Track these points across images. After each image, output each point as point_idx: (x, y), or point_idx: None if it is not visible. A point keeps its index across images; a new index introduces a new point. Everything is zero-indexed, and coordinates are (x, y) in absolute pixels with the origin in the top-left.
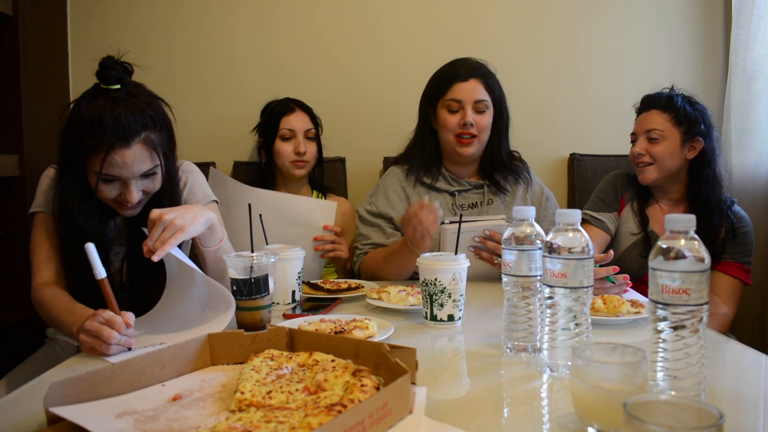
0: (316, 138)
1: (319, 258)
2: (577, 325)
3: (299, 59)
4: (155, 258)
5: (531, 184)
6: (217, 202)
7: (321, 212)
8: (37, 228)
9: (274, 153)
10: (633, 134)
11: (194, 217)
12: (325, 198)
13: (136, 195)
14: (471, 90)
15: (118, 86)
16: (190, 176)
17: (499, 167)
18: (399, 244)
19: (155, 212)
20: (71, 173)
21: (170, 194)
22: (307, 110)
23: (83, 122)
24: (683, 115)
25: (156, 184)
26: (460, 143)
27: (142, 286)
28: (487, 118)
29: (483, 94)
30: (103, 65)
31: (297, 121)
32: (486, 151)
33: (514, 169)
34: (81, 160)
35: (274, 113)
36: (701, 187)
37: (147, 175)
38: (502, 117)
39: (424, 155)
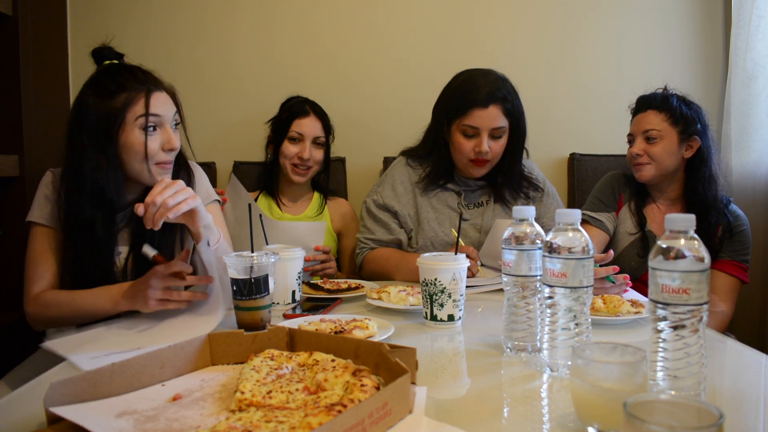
0: (326, 145)
1: (309, 276)
2: (577, 325)
3: (300, 60)
4: (171, 215)
5: (534, 193)
6: (219, 201)
7: (312, 234)
8: (36, 240)
9: (280, 152)
10: (630, 135)
11: (198, 200)
12: (326, 200)
13: (177, 141)
14: (489, 118)
15: (117, 61)
16: (195, 175)
17: (509, 186)
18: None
19: (165, 179)
20: (99, 150)
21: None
22: (321, 117)
23: (115, 82)
24: (679, 114)
25: (179, 141)
26: (473, 167)
27: None
28: (502, 143)
29: (501, 121)
30: (97, 51)
31: (308, 126)
32: (498, 167)
33: (523, 190)
34: (117, 120)
35: (288, 113)
36: (698, 185)
37: (174, 125)
38: (518, 136)
39: (439, 164)
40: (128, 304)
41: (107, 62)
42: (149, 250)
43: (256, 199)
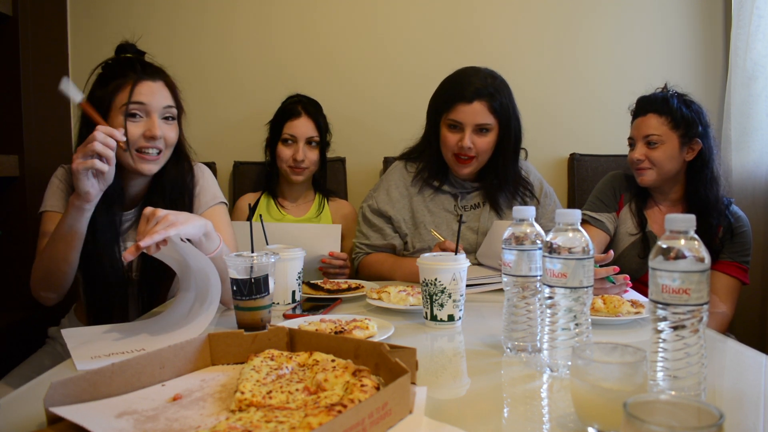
0: (320, 145)
1: (320, 275)
2: (577, 325)
3: (300, 60)
4: (142, 245)
5: (530, 200)
6: (225, 203)
7: (326, 237)
8: (46, 224)
9: (276, 154)
10: (630, 138)
11: (188, 218)
12: (327, 202)
13: (158, 130)
14: (473, 113)
15: (130, 55)
16: (201, 177)
17: (503, 188)
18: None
19: (149, 209)
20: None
21: (181, 179)
22: (314, 116)
23: (111, 71)
24: (680, 117)
25: (174, 133)
26: (457, 162)
27: (152, 283)
28: (487, 140)
29: (485, 117)
30: (120, 47)
31: (300, 128)
32: (490, 169)
33: (518, 192)
34: (103, 106)
35: (280, 115)
36: (699, 187)
37: (167, 117)
38: (509, 136)
39: (431, 160)
40: (76, 190)
41: (121, 56)
42: (75, 94)
43: (258, 200)
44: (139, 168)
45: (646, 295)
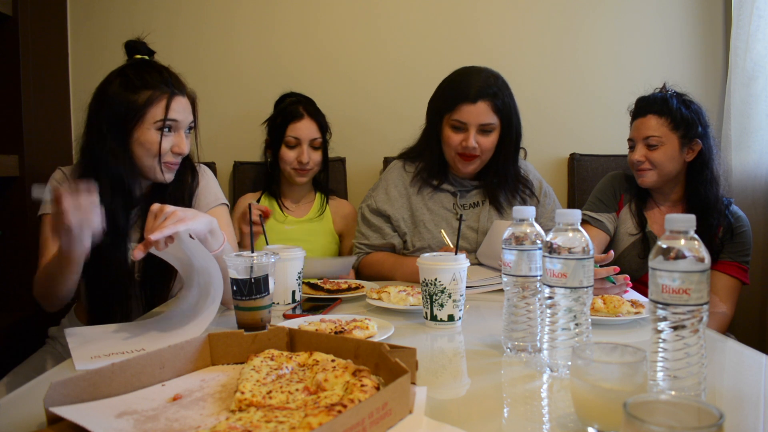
0: (323, 146)
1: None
2: (577, 325)
3: (300, 60)
4: (152, 238)
5: (529, 199)
6: (227, 205)
7: (340, 268)
8: (46, 227)
9: (278, 157)
10: (630, 140)
11: (195, 214)
12: (327, 201)
13: (186, 147)
14: (477, 113)
15: (147, 57)
16: (203, 178)
17: (503, 186)
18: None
19: (156, 205)
20: (115, 139)
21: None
22: (316, 117)
23: (140, 77)
24: (680, 118)
25: (189, 145)
26: (460, 160)
27: (154, 283)
28: (491, 139)
29: (489, 117)
30: (130, 44)
31: (303, 130)
32: (491, 167)
33: (518, 190)
34: (136, 116)
35: (282, 117)
36: (699, 187)
37: (187, 130)
38: (510, 134)
39: (431, 160)
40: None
41: (138, 56)
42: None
43: (258, 200)
44: (161, 179)
45: (646, 295)
